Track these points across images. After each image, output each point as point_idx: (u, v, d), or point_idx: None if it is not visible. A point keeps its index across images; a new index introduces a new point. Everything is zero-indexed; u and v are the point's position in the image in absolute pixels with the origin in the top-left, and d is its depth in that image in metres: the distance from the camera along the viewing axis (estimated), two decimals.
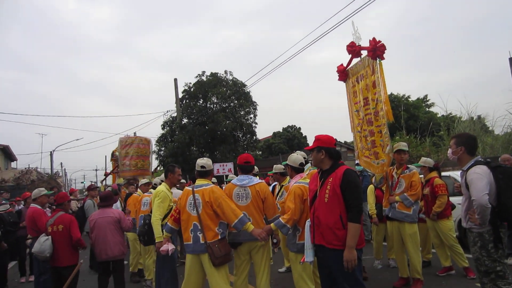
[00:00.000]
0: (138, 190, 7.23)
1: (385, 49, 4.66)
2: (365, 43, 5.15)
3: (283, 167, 6.36)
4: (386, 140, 4.81)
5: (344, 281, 3.16)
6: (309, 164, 4.91)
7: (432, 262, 6.24)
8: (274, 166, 6.17)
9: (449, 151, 3.64)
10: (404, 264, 5.27)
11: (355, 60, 5.43)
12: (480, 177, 3.16)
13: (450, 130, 16.72)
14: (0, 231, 6.38)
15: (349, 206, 3.14)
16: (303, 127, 48.06)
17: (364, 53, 5.12)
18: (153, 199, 4.69)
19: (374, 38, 4.71)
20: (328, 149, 3.40)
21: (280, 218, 3.98)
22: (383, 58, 4.73)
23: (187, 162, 22.63)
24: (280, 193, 5.88)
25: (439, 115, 29.65)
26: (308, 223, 3.48)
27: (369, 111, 5.06)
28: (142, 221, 6.34)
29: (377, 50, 4.67)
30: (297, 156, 4.49)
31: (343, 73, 5.68)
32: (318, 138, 3.49)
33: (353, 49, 5.19)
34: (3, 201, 8.49)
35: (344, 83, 5.78)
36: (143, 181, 7.40)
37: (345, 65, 5.68)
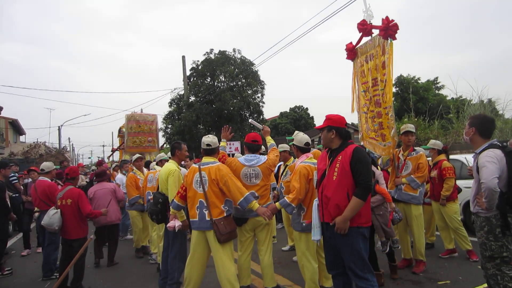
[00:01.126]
0: (134, 168, 7.21)
1: (398, 28, 4.52)
2: (376, 21, 5.04)
3: (288, 146, 6.36)
4: (392, 123, 4.75)
5: (350, 260, 3.19)
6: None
7: (435, 245, 6.28)
8: (280, 145, 6.16)
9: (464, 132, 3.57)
10: (408, 245, 5.31)
11: (365, 39, 5.31)
12: (491, 161, 3.07)
13: (460, 113, 16.52)
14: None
15: (358, 182, 3.15)
16: (310, 108, 47.81)
17: (375, 32, 5.00)
18: (166, 177, 4.63)
19: (387, 17, 4.57)
20: (338, 129, 3.38)
21: (285, 197, 4.00)
22: (394, 39, 4.60)
23: (193, 140, 22.71)
24: (284, 173, 5.91)
25: (448, 98, 29.27)
26: (316, 202, 3.49)
27: (377, 92, 4.97)
28: (149, 198, 6.45)
29: (389, 29, 4.54)
30: (302, 136, 4.47)
31: (352, 52, 5.55)
32: (329, 118, 3.46)
33: (364, 27, 5.05)
34: (12, 174, 8.61)
35: (352, 62, 5.68)
36: (134, 157, 7.44)
37: (354, 43, 5.57)
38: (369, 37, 5.12)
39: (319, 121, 42.67)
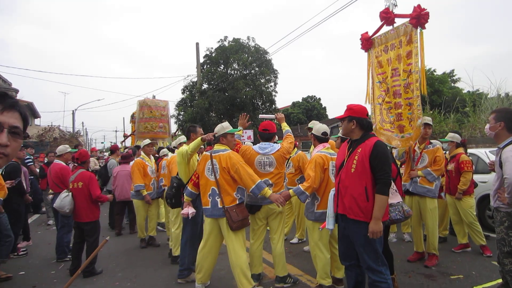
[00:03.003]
0: (142, 153, 6.88)
1: (429, 17, 4.40)
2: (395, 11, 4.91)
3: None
4: (419, 113, 4.62)
5: (364, 253, 3.16)
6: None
7: (448, 239, 6.21)
8: None
9: (487, 126, 3.48)
10: (420, 238, 5.25)
11: (384, 29, 5.17)
12: None
13: (476, 107, 16.19)
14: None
15: (378, 178, 3.09)
16: (323, 98, 47.47)
17: (398, 21, 4.87)
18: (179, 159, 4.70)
19: (419, 5, 4.44)
20: (359, 119, 3.31)
21: (299, 185, 3.99)
22: (424, 28, 4.49)
23: (205, 128, 22.73)
24: (287, 164, 5.90)
25: (464, 91, 28.69)
26: (332, 191, 3.46)
27: (397, 82, 4.85)
28: (161, 185, 6.46)
29: (421, 18, 4.42)
30: (321, 125, 4.45)
31: (368, 42, 5.41)
32: (350, 108, 3.39)
33: (388, 16, 4.91)
34: (28, 156, 8.74)
35: (366, 52, 5.55)
36: (145, 142, 7.15)
37: (370, 33, 5.43)
38: (391, 27, 4.99)
39: (331, 112, 42.39)
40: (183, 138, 6.43)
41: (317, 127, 4.44)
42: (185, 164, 4.57)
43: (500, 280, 4.33)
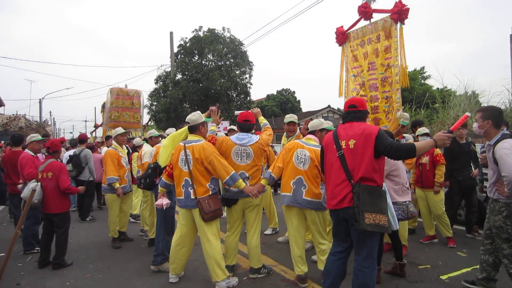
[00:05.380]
0: (114, 143, 6.24)
1: (408, 13, 4.51)
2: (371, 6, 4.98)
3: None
4: (398, 105, 4.72)
5: None
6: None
7: (416, 230, 6.40)
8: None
9: (475, 125, 3.64)
10: None
11: (360, 24, 5.23)
12: (509, 153, 3.23)
13: (445, 103, 16.70)
14: None
15: None
16: (298, 91, 47.82)
17: (375, 16, 4.95)
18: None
19: (400, 1, 4.53)
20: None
21: None
22: (403, 23, 4.58)
23: (179, 119, 22.52)
24: None
25: (434, 88, 29.56)
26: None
27: (374, 76, 4.93)
28: (138, 176, 6.32)
29: (402, 13, 4.51)
30: (314, 121, 4.59)
31: (343, 36, 5.46)
32: None
33: (366, 10, 4.97)
34: None
35: (340, 46, 5.59)
36: (117, 130, 6.33)
37: (345, 27, 5.48)
38: (368, 21, 5.05)
39: (305, 105, 42.81)
40: (172, 130, 6.04)
41: (315, 124, 4.52)
42: (172, 147, 4.47)
43: (464, 270, 4.54)
